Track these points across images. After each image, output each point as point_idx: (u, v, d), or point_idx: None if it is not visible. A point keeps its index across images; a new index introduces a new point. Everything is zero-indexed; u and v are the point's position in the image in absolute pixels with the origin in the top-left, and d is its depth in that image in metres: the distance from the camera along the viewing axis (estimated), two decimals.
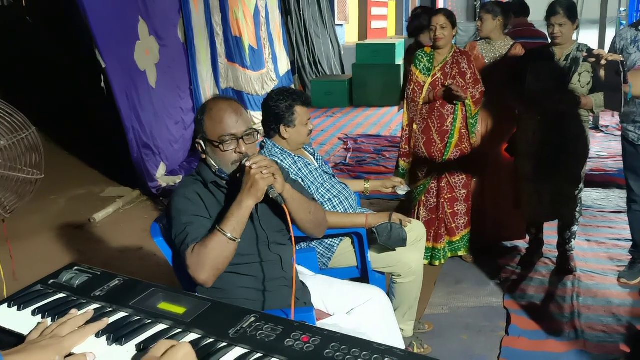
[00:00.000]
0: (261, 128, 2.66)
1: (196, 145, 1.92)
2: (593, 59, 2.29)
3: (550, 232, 3.82)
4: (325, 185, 2.65)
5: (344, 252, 2.69)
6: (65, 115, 6.59)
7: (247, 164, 1.74)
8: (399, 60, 9.73)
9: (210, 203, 1.88)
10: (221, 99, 1.94)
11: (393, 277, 2.72)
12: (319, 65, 10.54)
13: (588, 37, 4.50)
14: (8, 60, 6.79)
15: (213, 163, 1.88)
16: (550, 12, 3.27)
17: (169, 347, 0.96)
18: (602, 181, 5.18)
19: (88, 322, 1.14)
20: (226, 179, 1.89)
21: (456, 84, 3.47)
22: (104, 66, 4.62)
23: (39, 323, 1.13)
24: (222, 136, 1.82)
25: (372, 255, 2.65)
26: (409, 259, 2.66)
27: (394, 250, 2.62)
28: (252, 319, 1.14)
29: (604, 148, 6.28)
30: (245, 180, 1.74)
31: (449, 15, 3.50)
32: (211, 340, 1.10)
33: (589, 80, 3.24)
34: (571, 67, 3.27)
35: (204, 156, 1.90)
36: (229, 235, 1.71)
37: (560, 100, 3.28)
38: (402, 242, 2.57)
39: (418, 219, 3.64)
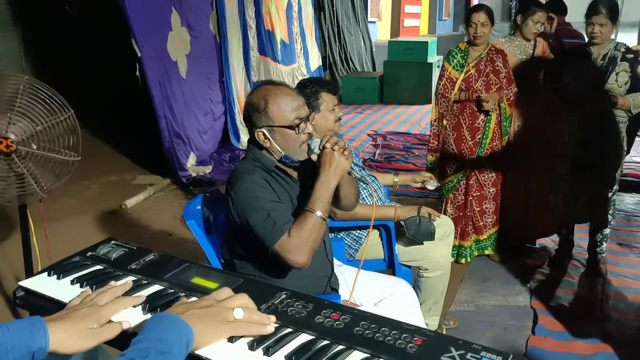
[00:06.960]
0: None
1: (256, 135, 1.87)
2: (631, 55, 2.25)
3: (581, 234, 3.76)
4: None
5: (371, 245, 2.69)
6: (98, 103, 6.72)
7: (328, 145, 1.76)
8: (431, 58, 9.64)
9: (276, 188, 1.87)
10: (278, 84, 1.92)
11: (420, 271, 2.71)
12: (350, 61, 10.52)
13: (627, 40, 4.41)
14: (47, 48, 6.95)
15: (279, 149, 1.86)
16: (592, 11, 3.19)
17: (229, 295, 1.08)
18: (637, 186, 5.07)
19: (126, 294, 1.17)
20: (293, 164, 1.89)
21: (488, 83, 3.43)
22: (139, 55, 4.70)
23: (82, 292, 1.16)
24: (295, 119, 1.83)
25: (399, 249, 2.65)
26: (437, 253, 2.65)
27: (422, 244, 2.61)
28: (284, 296, 1.16)
29: (639, 153, 6.13)
30: (327, 162, 1.75)
31: (490, 13, 3.48)
32: None
33: (627, 80, 3.18)
34: (608, 66, 3.21)
35: (267, 144, 1.87)
36: (319, 214, 1.72)
37: (597, 100, 3.22)
38: (430, 236, 2.57)
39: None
